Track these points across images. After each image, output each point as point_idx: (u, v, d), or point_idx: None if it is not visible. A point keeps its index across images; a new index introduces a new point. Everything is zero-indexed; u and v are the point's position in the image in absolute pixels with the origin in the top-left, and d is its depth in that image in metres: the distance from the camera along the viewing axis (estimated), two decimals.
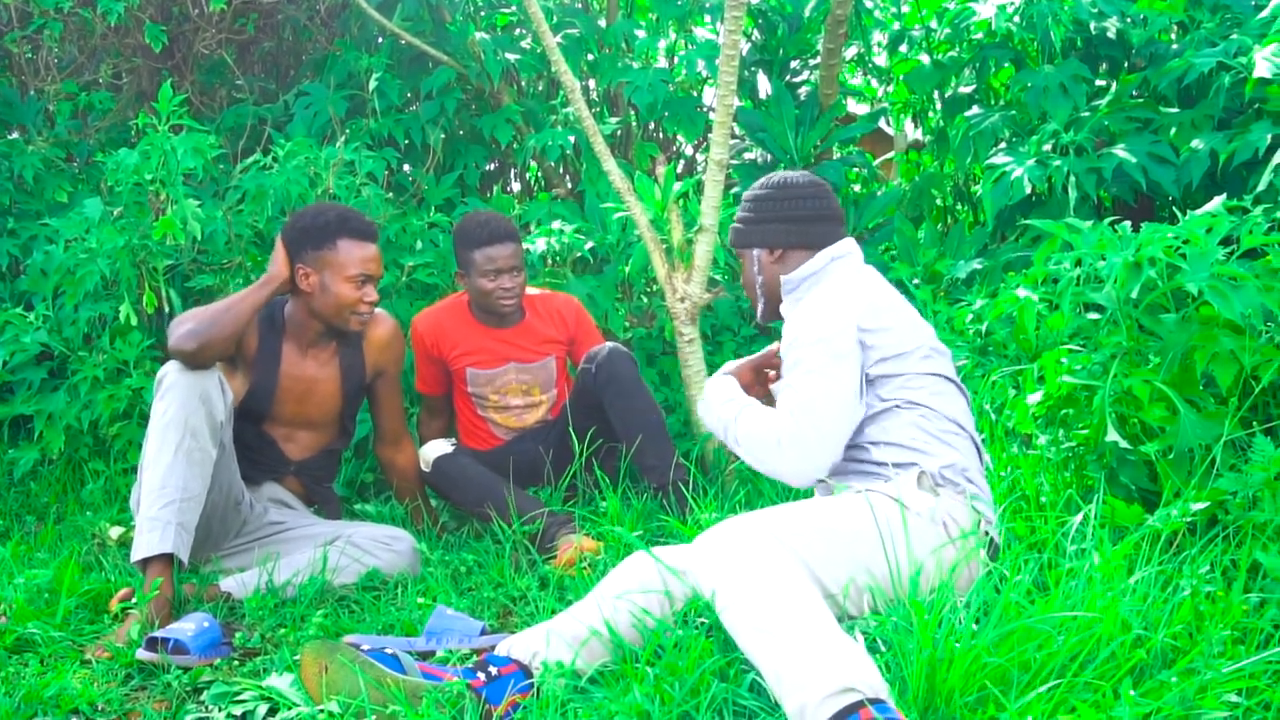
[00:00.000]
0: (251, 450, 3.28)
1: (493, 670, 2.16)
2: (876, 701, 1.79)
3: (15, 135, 5.19)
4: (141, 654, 2.56)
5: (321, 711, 2.14)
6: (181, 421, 2.90)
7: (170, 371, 2.97)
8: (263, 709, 2.28)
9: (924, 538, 2.21)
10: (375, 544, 3.13)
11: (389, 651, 2.21)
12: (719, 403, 2.58)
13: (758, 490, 3.37)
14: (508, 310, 3.68)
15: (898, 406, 2.41)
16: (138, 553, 2.83)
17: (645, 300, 4.78)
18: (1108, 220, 2.64)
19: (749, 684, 1.97)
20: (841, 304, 2.46)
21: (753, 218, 2.66)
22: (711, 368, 4.10)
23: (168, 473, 2.87)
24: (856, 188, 5.47)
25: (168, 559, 2.81)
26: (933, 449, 2.38)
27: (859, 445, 2.43)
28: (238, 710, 2.29)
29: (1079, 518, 2.28)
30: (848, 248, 2.63)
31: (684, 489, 3.33)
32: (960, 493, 2.33)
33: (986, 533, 2.33)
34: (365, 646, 2.47)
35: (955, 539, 2.24)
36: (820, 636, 1.88)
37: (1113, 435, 2.49)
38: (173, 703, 2.38)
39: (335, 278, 3.18)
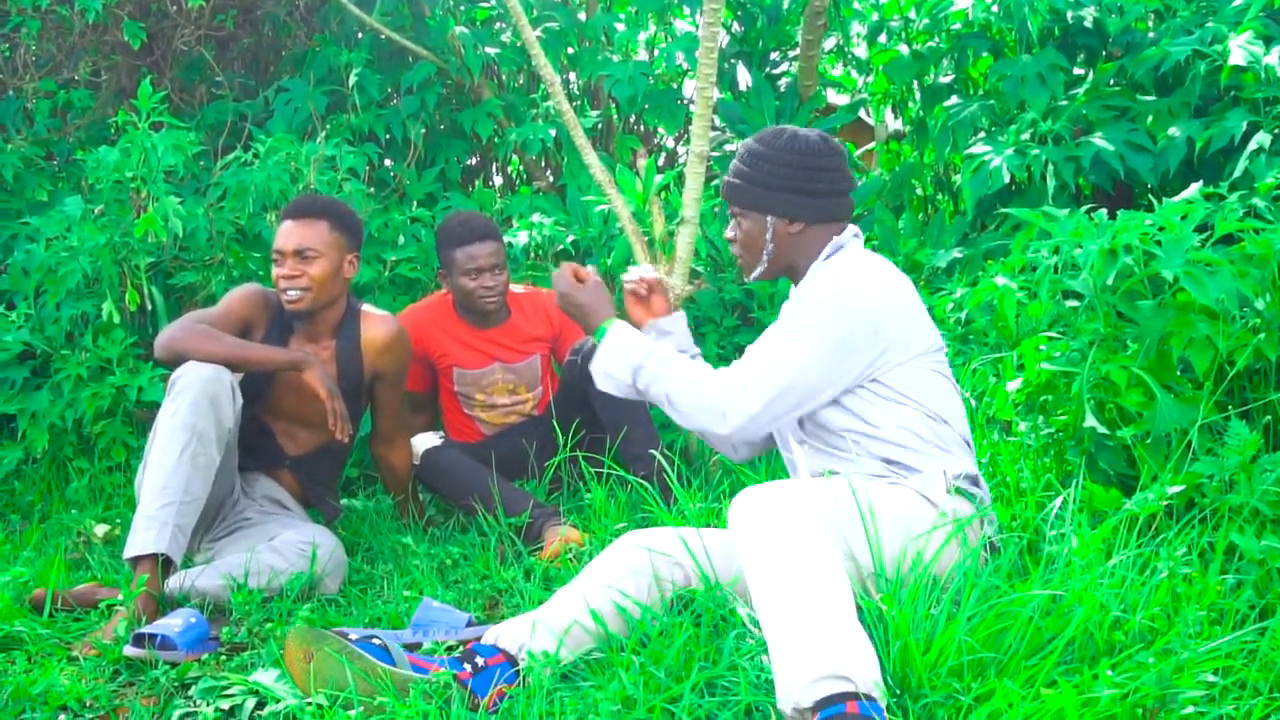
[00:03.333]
0: (248, 439, 3.27)
1: (479, 661, 2.17)
2: (867, 698, 1.78)
3: None
4: (129, 650, 2.56)
5: (309, 704, 2.15)
6: (190, 425, 2.90)
7: (185, 373, 2.96)
8: (250, 703, 2.28)
9: (943, 540, 2.20)
10: (292, 547, 3.02)
11: (376, 642, 2.22)
12: (632, 343, 2.45)
13: (740, 482, 3.38)
14: (490, 309, 3.69)
15: (915, 402, 2.35)
16: (130, 549, 2.82)
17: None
18: (1084, 208, 2.67)
19: (726, 665, 1.98)
20: (869, 293, 2.36)
21: (772, 182, 2.46)
22: None
23: (171, 474, 2.87)
24: None
25: (158, 559, 2.81)
26: (952, 452, 2.35)
27: (874, 435, 2.36)
28: (225, 705, 2.29)
29: (1058, 502, 2.30)
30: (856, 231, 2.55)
31: (669, 479, 3.35)
32: (973, 501, 2.31)
33: (990, 539, 2.33)
34: (353, 637, 2.49)
35: (962, 542, 2.24)
36: (831, 619, 1.87)
37: (1091, 421, 2.52)
38: (160, 698, 2.38)
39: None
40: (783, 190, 2.45)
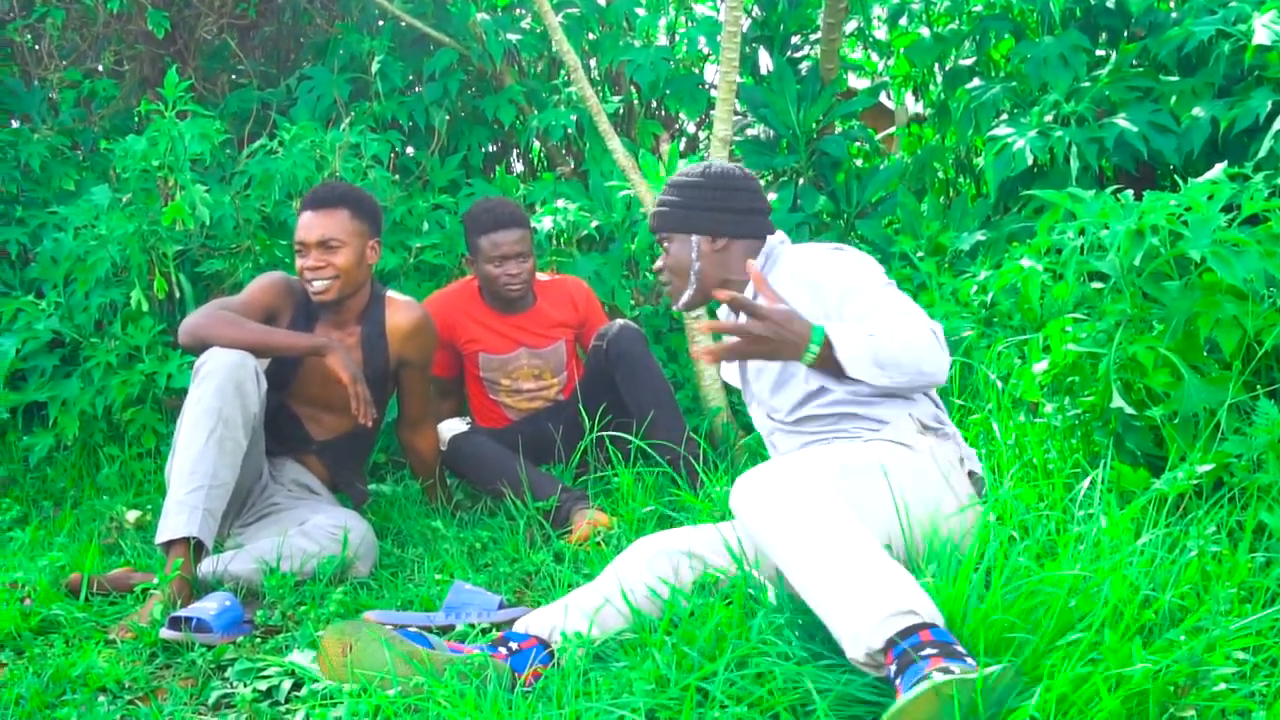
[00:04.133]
0: (275, 424, 3.30)
1: (513, 645, 2.20)
2: (934, 626, 1.80)
3: (19, 124, 5.22)
4: (165, 633, 2.60)
5: (346, 686, 2.17)
6: (216, 410, 2.93)
7: (210, 359, 2.99)
8: (287, 684, 2.32)
9: (930, 480, 2.27)
10: (323, 531, 3.07)
11: (412, 629, 2.24)
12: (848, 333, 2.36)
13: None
14: (515, 295, 3.71)
15: None
16: (162, 534, 2.86)
17: (651, 277, 4.81)
18: (1110, 189, 2.67)
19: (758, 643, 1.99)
20: (853, 256, 2.51)
21: (694, 204, 2.63)
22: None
23: (199, 459, 2.90)
24: (859, 162, 5.49)
25: (190, 543, 2.85)
26: (915, 401, 2.44)
27: (840, 400, 2.44)
28: (263, 686, 2.33)
29: (1086, 483, 2.31)
30: (783, 238, 2.68)
31: (695, 463, 3.37)
32: (943, 436, 2.39)
33: (970, 470, 2.40)
34: (386, 623, 2.52)
35: (949, 479, 2.30)
36: (875, 562, 1.89)
37: (1118, 402, 2.52)
38: (198, 680, 2.42)
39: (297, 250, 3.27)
40: (704, 209, 2.62)
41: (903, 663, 1.74)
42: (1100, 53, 4.49)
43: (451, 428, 3.63)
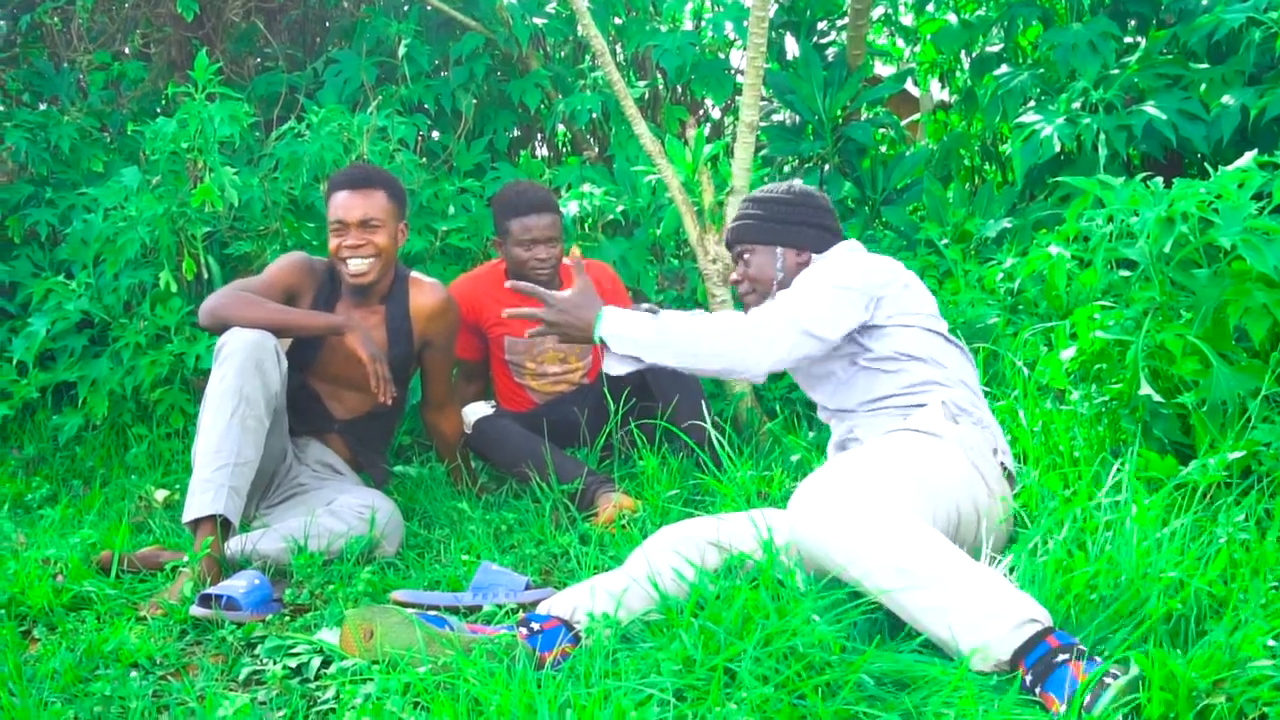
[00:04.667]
0: (297, 404, 3.33)
1: (535, 626, 2.22)
2: (1055, 630, 1.86)
3: (49, 106, 5.25)
4: (195, 610, 2.62)
5: (375, 663, 2.19)
6: (237, 389, 2.95)
7: (230, 340, 3.01)
8: (316, 662, 2.33)
9: (958, 468, 2.30)
10: (351, 510, 3.10)
11: (433, 613, 2.26)
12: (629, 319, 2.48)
13: (788, 452, 3.41)
14: (542, 280, 3.71)
15: (911, 358, 2.52)
16: (189, 513, 2.89)
17: (677, 262, 4.82)
18: (1140, 176, 2.66)
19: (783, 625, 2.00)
20: (858, 259, 2.61)
21: (781, 219, 2.75)
22: None
23: (222, 438, 2.92)
24: (883, 148, 5.48)
25: (217, 521, 2.87)
26: (949, 387, 2.49)
27: (877, 396, 2.53)
28: (292, 663, 2.34)
29: (1115, 469, 2.31)
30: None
31: (719, 448, 3.38)
32: (975, 422, 2.43)
33: (1002, 463, 2.42)
34: (414, 603, 2.54)
35: (979, 467, 2.33)
36: (976, 572, 1.94)
37: (1146, 389, 2.52)
38: (228, 657, 2.44)
39: (329, 230, 3.28)
40: (790, 223, 2.74)
41: (1040, 670, 1.81)
42: (1129, 40, 4.47)
43: (476, 411, 3.64)
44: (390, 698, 2.04)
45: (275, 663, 2.36)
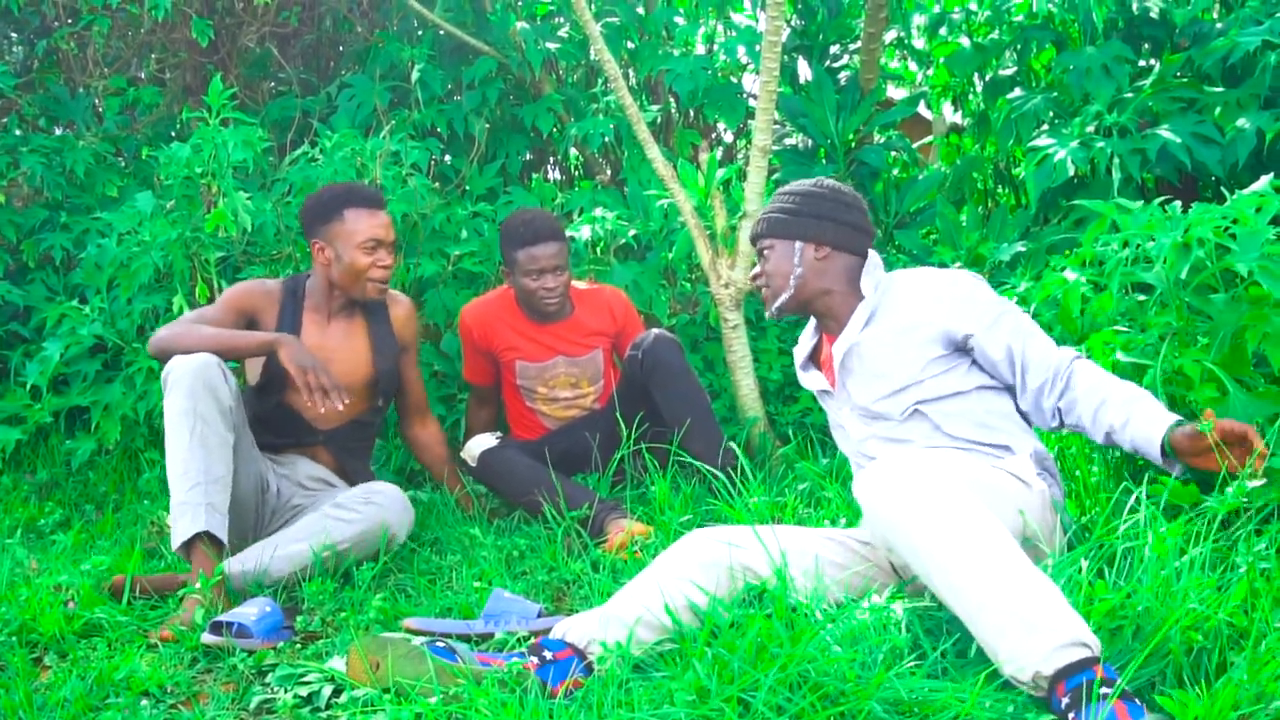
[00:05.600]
0: (275, 423, 3.35)
1: (547, 655, 2.20)
2: (1103, 662, 1.83)
3: (64, 131, 5.28)
4: (207, 638, 2.61)
5: (386, 692, 2.18)
6: (191, 410, 2.94)
7: (174, 367, 3.00)
8: (327, 690, 2.32)
9: (1042, 522, 2.30)
10: (355, 500, 3.15)
11: (440, 644, 2.24)
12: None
13: (801, 475, 3.39)
14: (551, 309, 3.72)
15: (995, 387, 2.53)
16: (176, 539, 2.88)
17: (689, 286, 4.81)
18: (1157, 201, 2.65)
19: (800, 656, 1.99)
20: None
21: (804, 212, 2.68)
22: (755, 353, 4.13)
23: (188, 459, 2.92)
24: (896, 172, 5.47)
25: (208, 538, 2.87)
26: (1029, 433, 2.49)
27: (970, 414, 2.50)
28: (303, 691, 2.33)
29: (1134, 498, 2.29)
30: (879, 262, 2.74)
31: (732, 473, 3.36)
32: (1051, 480, 2.41)
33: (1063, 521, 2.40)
34: (426, 630, 2.52)
35: (1053, 527, 2.32)
36: (1039, 583, 1.90)
37: None
38: (239, 685, 2.43)
39: (347, 247, 3.28)
40: (811, 216, 2.67)
41: (1077, 696, 1.77)
42: (1143, 63, 4.46)
43: (481, 443, 3.61)
44: None
45: (286, 691, 2.35)
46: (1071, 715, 1.77)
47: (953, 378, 2.51)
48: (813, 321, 2.80)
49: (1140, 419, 2.29)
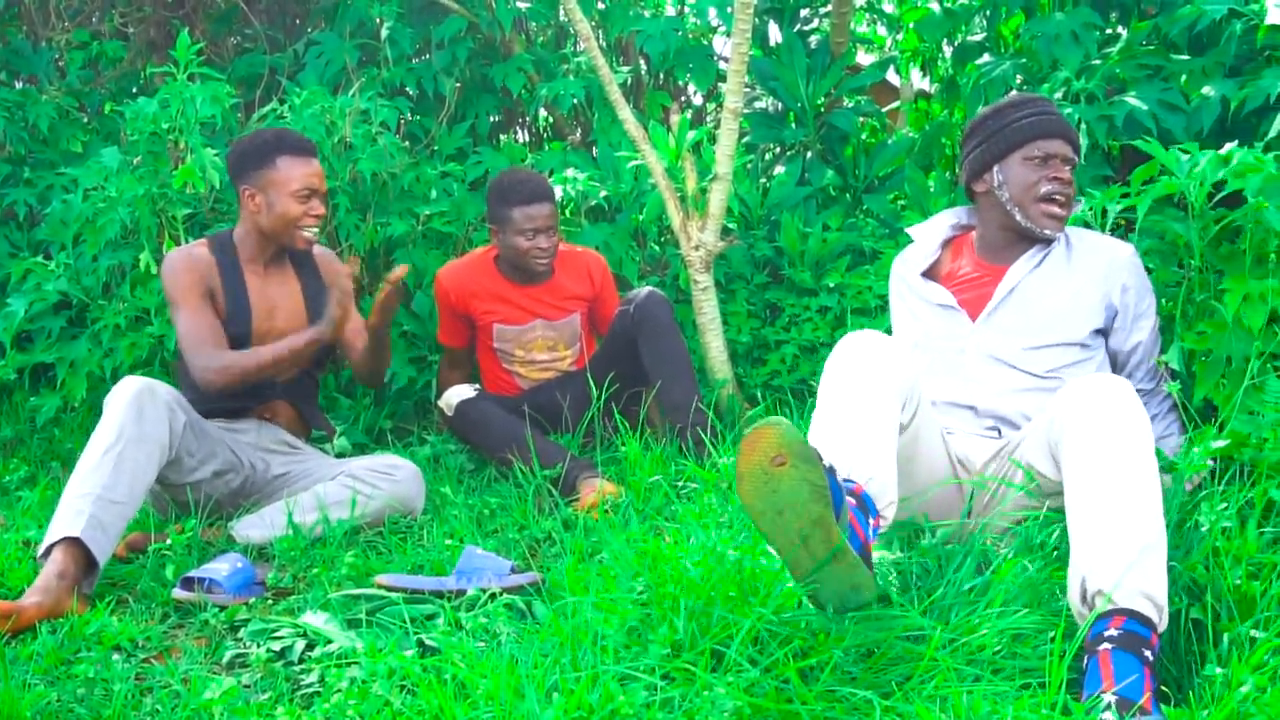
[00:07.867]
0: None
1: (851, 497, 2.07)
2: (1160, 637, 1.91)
3: (26, 85, 5.20)
4: (177, 593, 2.62)
5: (356, 647, 2.20)
6: (118, 428, 2.81)
7: (118, 388, 2.91)
8: (300, 645, 2.34)
9: None
10: (375, 475, 3.15)
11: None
12: None
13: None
14: (541, 269, 3.73)
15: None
16: (45, 540, 2.70)
17: (659, 249, 4.82)
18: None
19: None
20: None
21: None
22: (724, 316, 4.15)
23: (91, 472, 2.77)
24: (865, 137, 5.48)
25: (73, 543, 2.67)
26: None
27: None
28: (276, 646, 2.35)
29: None
30: None
31: (702, 434, 3.39)
32: None
33: None
34: (397, 587, 2.53)
35: None
36: (1163, 544, 1.96)
37: None
38: (211, 639, 2.44)
39: (279, 195, 3.24)
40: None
41: (1124, 643, 1.83)
42: (1110, 31, 4.48)
43: (460, 393, 3.64)
44: (376, 681, 2.05)
45: (259, 646, 2.36)
46: (1102, 648, 1.82)
47: (1101, 353, 2.66)
48: (938, 236, 2.90)
49: None
